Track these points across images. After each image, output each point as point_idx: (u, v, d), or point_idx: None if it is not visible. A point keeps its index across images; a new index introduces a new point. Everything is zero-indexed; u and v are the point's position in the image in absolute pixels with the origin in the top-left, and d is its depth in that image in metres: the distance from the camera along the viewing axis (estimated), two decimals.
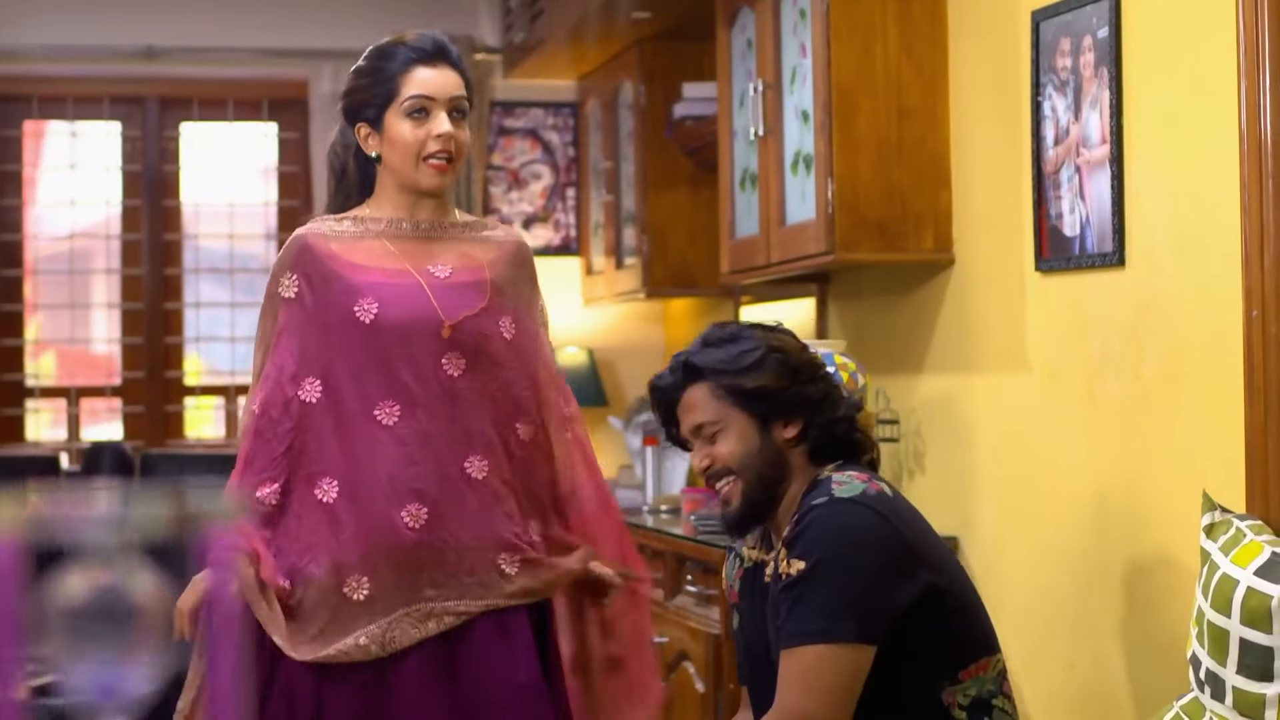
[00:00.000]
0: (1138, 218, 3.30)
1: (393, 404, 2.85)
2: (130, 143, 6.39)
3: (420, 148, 2.88)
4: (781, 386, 2.71)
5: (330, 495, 2.84)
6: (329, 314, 2.88)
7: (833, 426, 2.74)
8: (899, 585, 2.58)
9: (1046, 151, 3.61)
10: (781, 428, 2.72)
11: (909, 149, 4.07)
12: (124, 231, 6.40)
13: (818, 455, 2.74)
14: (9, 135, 6.31)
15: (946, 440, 4.14)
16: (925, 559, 2.64)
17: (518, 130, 6.52)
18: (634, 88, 5.76)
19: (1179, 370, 3.17)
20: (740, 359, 2.72)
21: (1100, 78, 3.38)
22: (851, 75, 4.04)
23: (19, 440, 6.31)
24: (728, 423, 2.73)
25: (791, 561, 2.60)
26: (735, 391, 2.71)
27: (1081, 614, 3.52)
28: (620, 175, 5.96)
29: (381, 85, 2.90)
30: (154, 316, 6.39)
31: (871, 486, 2.64)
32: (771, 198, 4.40)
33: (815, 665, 2.54)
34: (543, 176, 6.54)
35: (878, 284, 4.49)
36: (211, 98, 6.40)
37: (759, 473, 2.72)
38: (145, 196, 6.38)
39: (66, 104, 6.34)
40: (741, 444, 2.72)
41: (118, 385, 6.43)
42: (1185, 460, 3.14)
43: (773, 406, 2.71)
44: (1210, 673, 2.59)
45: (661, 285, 5.71)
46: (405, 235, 2.94)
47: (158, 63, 6.24)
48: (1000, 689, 2.68)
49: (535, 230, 6.51)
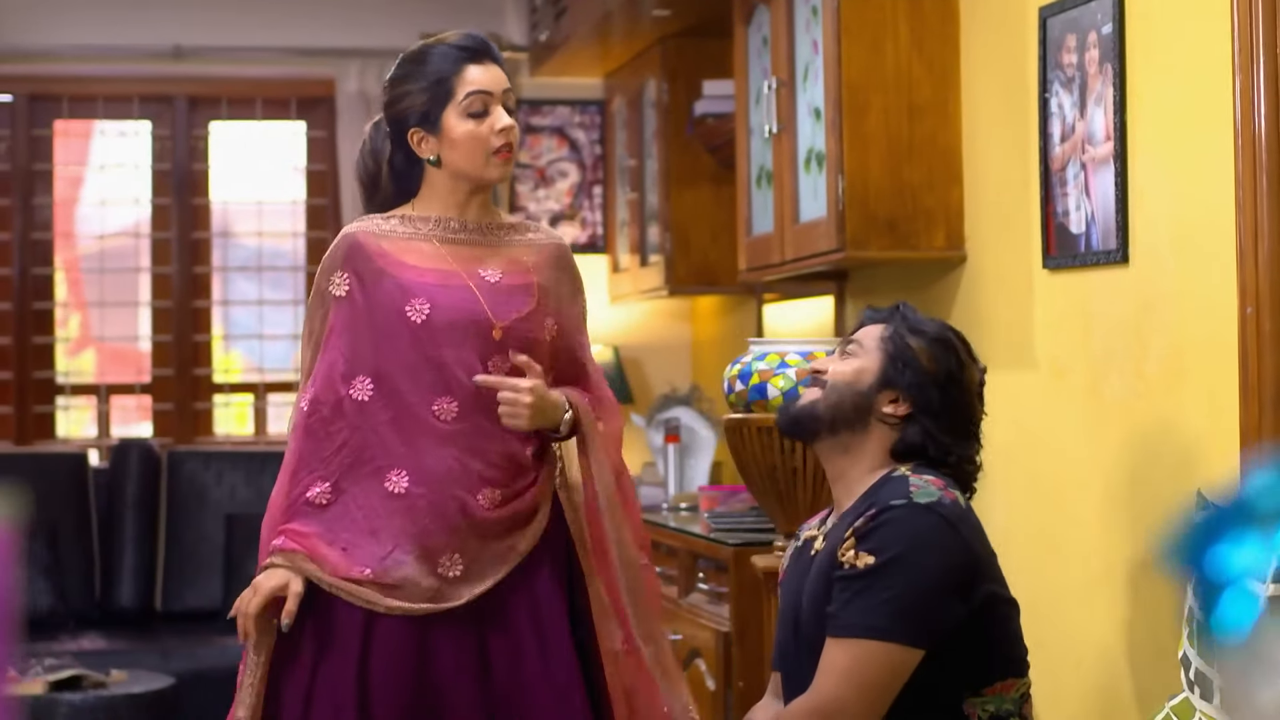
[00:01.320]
0: (1141, 215, 3.28)
1: (450, 400, 2.90)
2: (160, 142, 6.43)
3: (486, 143, 2.92)
4: (926, 373, 2.68)
5: (401, 486, 2.88)
6: (380, 313, 2.91)
7: (934, 442, 2.69)
8: (959, 597, 2.59)
9: (1054, 148, 3.59)
10: (889, 399, 2.70)
11: (920, 146, 4.05)
12: (154, 230, 6.45)
13: (903, 451, 2.71)
14: (40, 135, 6.36)
15: None
16: (989, 572, 2.65)
17: (545, 128, 6.54)
18: (657, 85, 5.77)
19: (1180, 368, 3.15)
20: (925, 330, 2.72)
21: (1104, 74, 3.36)
22: (862, 72, 4.03)
23: (50, 437, 6.37)
24: (863, 357, 2.72)
25: (860, 554, 2.58)
26: (895, 340, 2.71)
27: (1088, 613, 3.50)
28: (645, 173, 5.97)
29: (435, 88, 2.92)
30: (183, 314, 6.43)
31: (947, 495, 2.63)
32: (785, 195, 4.39)
33: (864, 660, 2.54)
34: (569, 174, 6.55)
35: (894, 282, 4.48)
36: (240, 96, 6.44)
37: (838, 406, 2.70)
38: (174, 195, 6.42)
39: (97, 103, 6.40)
40: (853, 375, 2.71)
41: (147, 383, 6.48)
42: (1186, 458, 3.12)
43: (902, 378, 2.68)
44: (1199, 673, 2.57)
45: (684, 283, 5.71)
46: (454, 238, 2.98)
47: (185, 62, 6.28)
48: (1019, 710, 2.67)
49: (562, 228, 6.51)
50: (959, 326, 4.06)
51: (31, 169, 6.34)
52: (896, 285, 4.46)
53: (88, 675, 4.72)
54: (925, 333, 2.70)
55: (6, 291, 6.33)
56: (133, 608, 5.82)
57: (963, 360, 2.71)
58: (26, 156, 6.31)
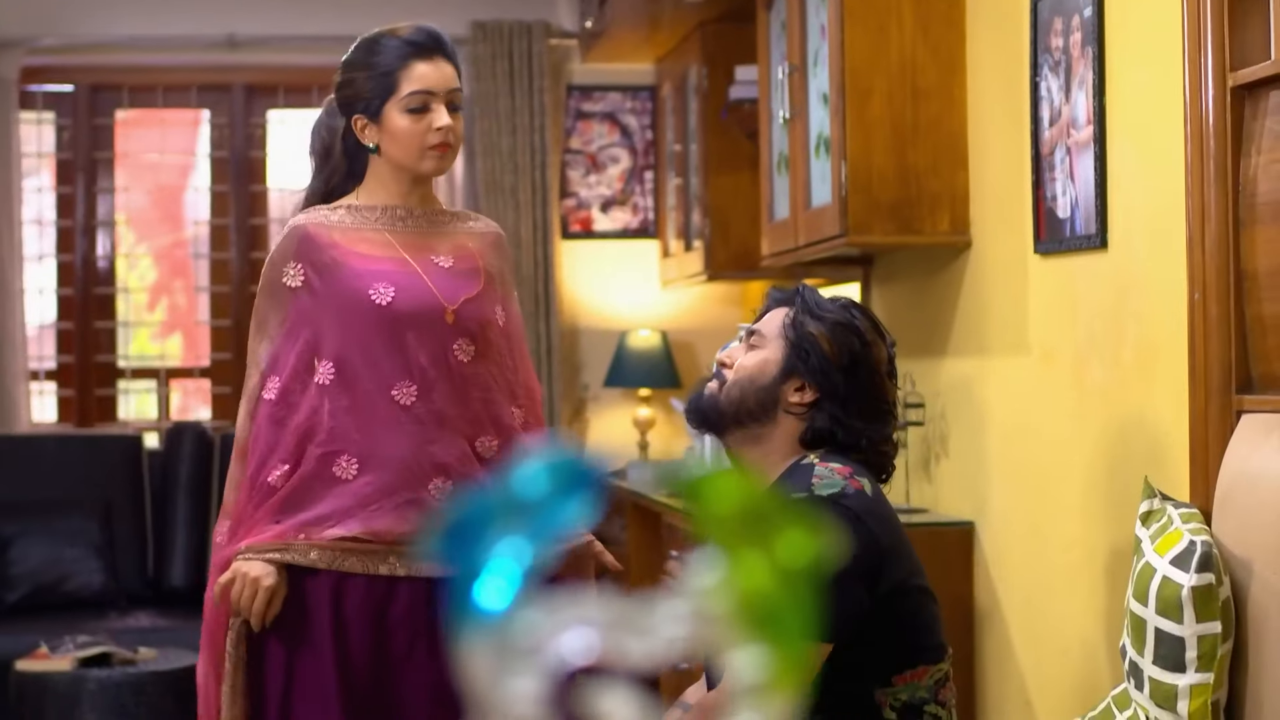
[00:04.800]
0: (1118, 200, 3.25)
1: (410, 384, 2.91)
2: (218, 130, 6.55)
3: (423, 139, 2.94)
4: (829, 359, 2.63)
5: (350, 472, 2.90)
6: (341, 299, 2.93)
7: (843, 427, 2.65)
8: (864, 590, 2.55)
9: (1043, 132, 3.56)
10: (794, 388, 2.67)
11: (924, 131, 4.03)
12: (213, 217, 6.57)
13: (813, 439, 2.68)
14: (102, 124, 6.50)
15: (965, 425, 4.10)
16: (895, 562, 2.59)
17: (595, 114, 6.57)
18: (698, 71, 5.78)
19: (1152, 355, 3.11)
20: (826, 314, 2.68)
21: (1085, 57, 3.33)
22: (865, 57, 4.02)
23: (112, 420, 6.51)
24: (767, 346, 2.70)
25: None
26: (796, 328, 2.68)
27: (1070, 602, 3.47)
28: (688, 158, 5.98)
29: (381, 80, 2.94)
30: (241, 300, 6.54)
31: (852, 484, 2.56)
32: (799, 180, 4.39)
33: None
34: (620, 160, 6.58)
35: (910, 267, 4.46)
36: (296, 85, 6.53)
37: (742, 399, 2.67)
38: (232, 183, 6.53)
39: (156, 93, 6.52)
40: (757, 368, 2.68)
41: (206, 366, 6.60)
42: (1159, 446, 3.08)
43: (806, 366, 2.65)
44: (1133, 663, 2.56)
45: (723, 268, 5.72)
46: (402, 227, 3.00)
47: (240, 52, 6.39)
48: (935, 697, 2.64)
49: (613, 213, 6.55)
50: (964, 312, 4.07)
51: (93, 157, 6.48)
52: (911, 270, 4.45)
53: (116, 652, 4.82)
54: (826, 317, 2.66)
55: (69, 277, 6.48)
56: (184, 587, 5.94)
57: (867, 340, 2.65)
58: (88, 145, 6.44)
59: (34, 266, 6.44)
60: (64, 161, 6.46)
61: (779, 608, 0.63)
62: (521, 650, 0.60)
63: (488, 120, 6.30)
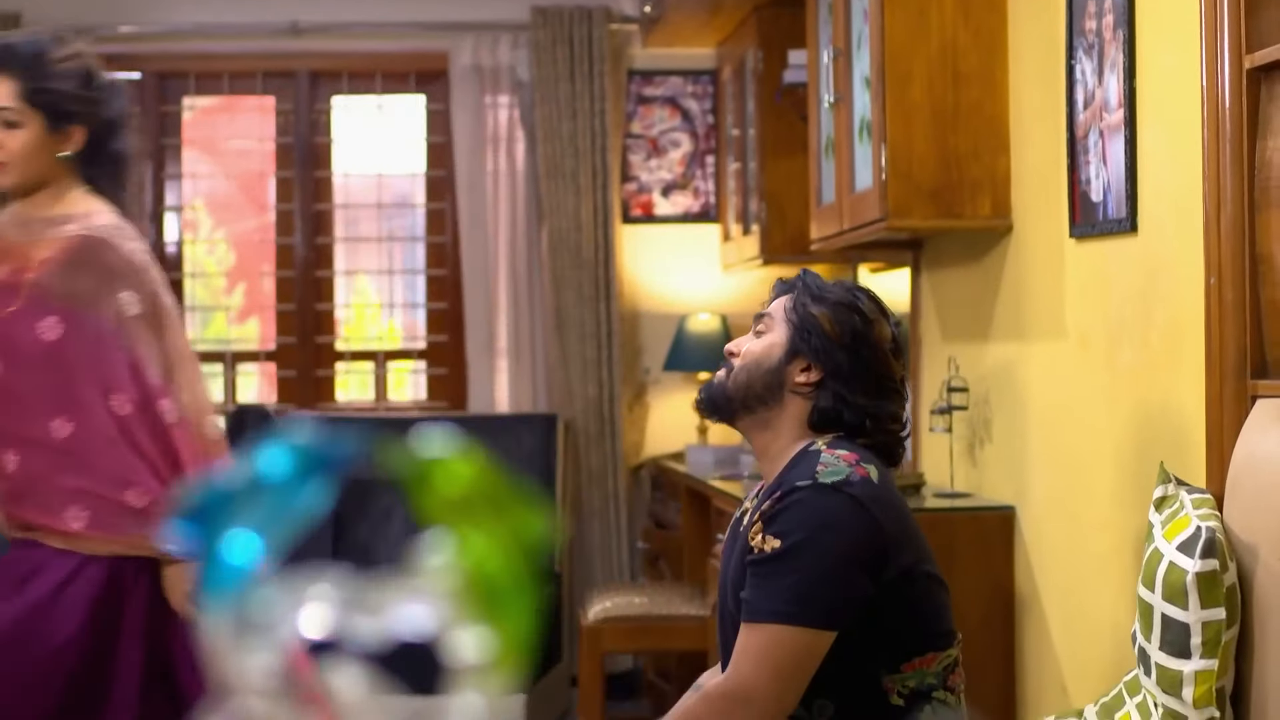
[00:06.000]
0: (1148, 183, 3.23)
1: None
2: (283, 116, 6.62)
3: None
4: (831, 338, 2.66)
5: None
6: None
7: (848, 406, 2.67)
8: (866, 577, 2.56)
9: (1078, 116, 3.54)
10: (800, 369, 2.69)
11: (965, 114, 4.02)
12: (278, 202, 6.65)
13: (819, 420, 2.70)
14: (170, 110, 6.60)
15: (1007, 409, 4.09)
16: (901, 549, 2.59)
17: (657, 98, 6.58)
18: (754, 55, 5.78)
19: (1178, 339, 3.09)
20: (828, 295, 2.71)
21: (1117, 40, 3.31)
22: (905, 41, 4.01)
23: None
24: (773, 331, 2.73)
25: (767, 538, 2.59)
26: (798, 310, 2.71)
27: (1103, 587, 3.46)
28: (746, 142, 5.99)
29: None
30: (306, 284, 6.62)
31: (857, 471, 2.57)
32: (843, 164, 4.39)
33: (775, 645, 2.54)
34: (682, 144, 6.59)
35: (955, 251, 4.45)
36: (360, 71, 6.59)
37: (748, 385, 2.70)
38: (297, 168, 6.61)
39: (223, 79, 6.60)
40: (763, 352, 2.71)
41: (271, 350, 6.69)
42: (1181, 431, 3.07)
43: (809, 345, 2.68)
44: (1141, 649, 2.55)
45: (779, 251, 5.71)
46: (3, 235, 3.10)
47: (303, 39, 6.46)
48: (944, 683, 2.64)
49: (674, 197, 6.57)
50: (1006, 296, 4.05)
51: (161, 143, 6.58)
52: (956, 254, 4.43)
53: None
54: (827, 298, 2.67)
55: None
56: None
57: (869, 319, 2.66)
58: (156, 131, 6.54)
59: None
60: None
61: (502, 588, 0.65)
62: (258, 626, 0.62)
63: (548, 105, 6.33)
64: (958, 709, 2.68)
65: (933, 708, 2.63)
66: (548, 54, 6.36)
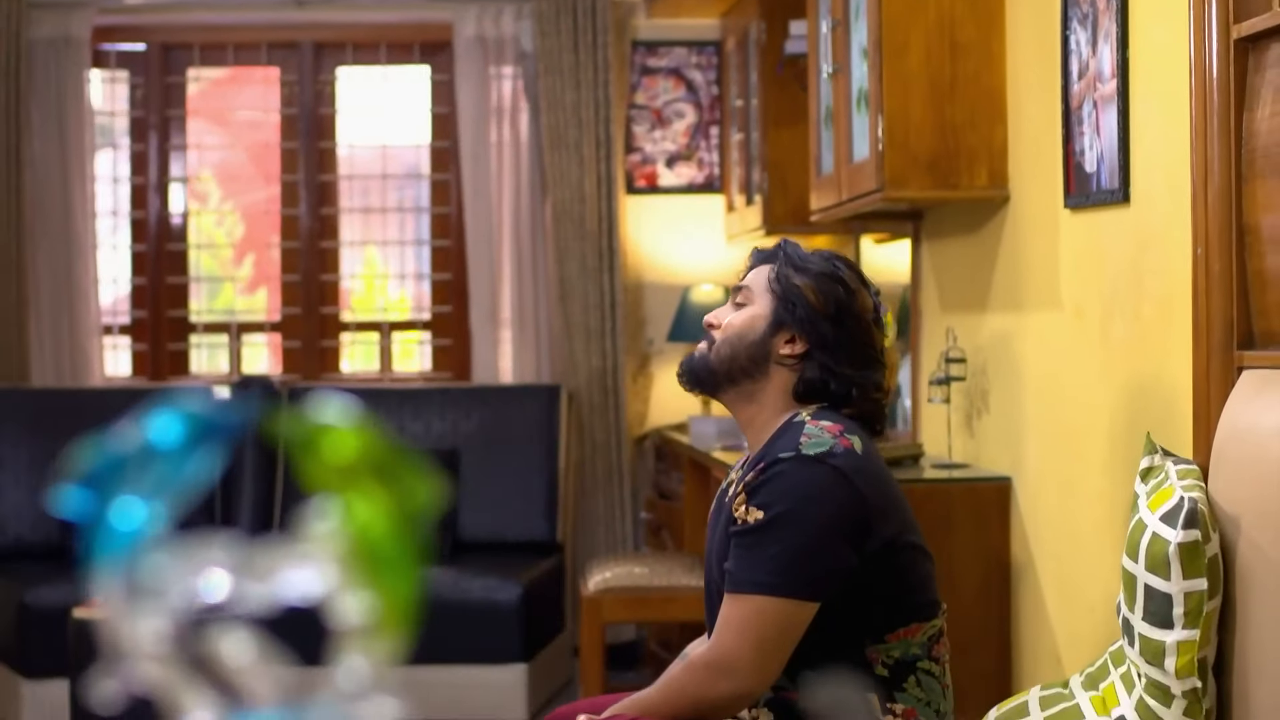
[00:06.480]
0: (1140, 154, 3.22)
1: None
2: (287, 87, 6.62)
3: None
4: (815, 308, 2.66)
5: None
6: None
7: (834, 376, 2.68)
8: (850, 548, 2.56)
9: (1073, 86, 3.53)
10: (785, 341, 2.70)
11: (962, 85, 4.01)
12: (283, 173, 6.65)
13: (805, 391, 2.71)
14: (174, 82, 6.60)
15: (1004, 380, 4.09)
16: (884, 521, 2.59)
17: (661, 69, 6.57)
18: (757, 25, 5.77)
19: (1168, 310, 3.09)
20: (810, 266, 2.71)
21: (1110, 10, 3.30)
22: (903, 11, 4.00)
23: (184, 373, 6.63)
24: (755, 303, 2.73)
25: (750, 509, 2.59)
26: (781, 280, 2.70)
27: (1097, 558, 3.46)
28: (749, 112, 5.98)
29: None
30: (311, 255, 6.62)
31: (841, 443, 2.57)
32: (841, 135, 4.38)
33: (758, 615, 2.55)
34: (686, 115, 6.58)
35: (954, 222, 4.44)
36: (365, 42, 6.59)
37: (733, 355, 2.69)
38: (302, 140, 6.61)
39: (227, 51, 6.60)
40: (746, 324, 2.71)
41: (277, 321, 6.70)
42: (1170, 402, 3.06)
43: (793, 316, 2.68)
44: (1125, 619, 2.55)
45: (781, 222, 5.70)
46: None
47: (308, 10, 6.45)
48: (929, 653, 2.65)
49: (679, 168, 6.56)
50: (1003, 267, 4.05)
51: (165, 115, 6.58)
52: (954, 225, 4.43)
53: None
54: (809, 268, 2.67)
55: (142, 233, 6.59)
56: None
57: (851, 289, 2.67)
58: (160, 103, 6.54)
59: (107, 223, 6.56)
60: (137, 119, 6.56)
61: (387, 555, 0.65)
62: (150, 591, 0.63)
63: (552, 77, 6.32)
64: (943, 679, 2.69)
65: (917, 678, 2.64)
66: (552, 25, 6.34)
